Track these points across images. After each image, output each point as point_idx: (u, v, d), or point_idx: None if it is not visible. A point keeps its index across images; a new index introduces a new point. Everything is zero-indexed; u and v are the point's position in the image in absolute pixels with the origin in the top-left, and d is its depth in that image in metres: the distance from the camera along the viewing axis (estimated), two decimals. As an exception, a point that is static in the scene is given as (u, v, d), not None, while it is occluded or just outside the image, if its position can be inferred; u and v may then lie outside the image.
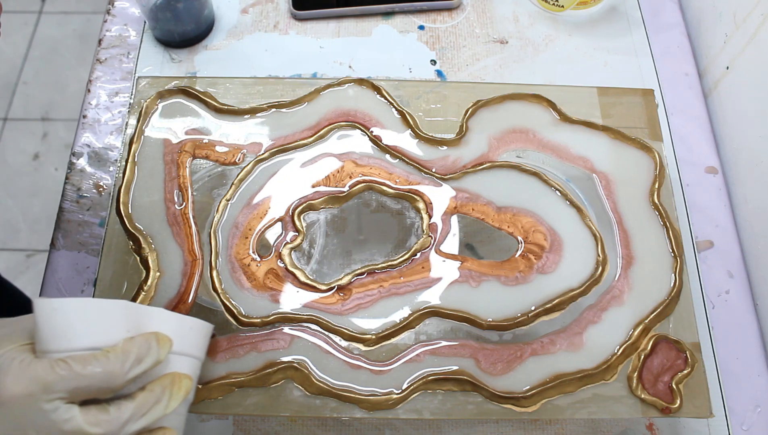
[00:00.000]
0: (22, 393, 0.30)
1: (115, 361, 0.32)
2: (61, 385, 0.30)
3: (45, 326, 0.32)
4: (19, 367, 0.31)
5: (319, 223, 0.50)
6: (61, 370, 0.31)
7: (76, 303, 0.33)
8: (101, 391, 0.32)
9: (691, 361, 0.45)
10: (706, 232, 0.57)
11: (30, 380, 0.30)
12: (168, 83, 0.53)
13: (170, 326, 0.36)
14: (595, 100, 0.55)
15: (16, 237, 1.32)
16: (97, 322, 0.33)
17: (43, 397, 0.30)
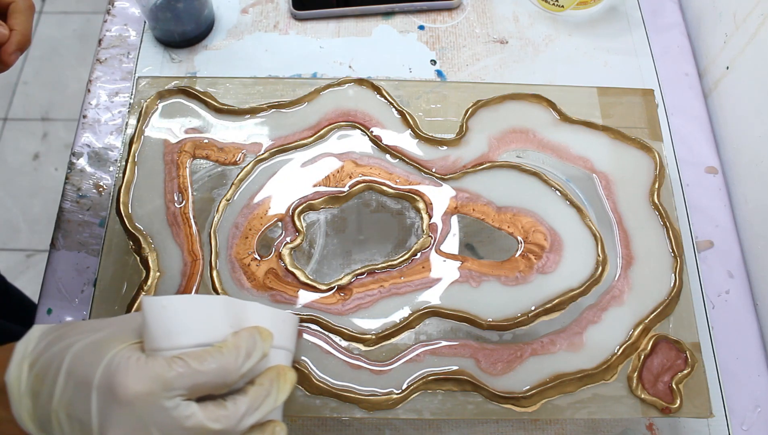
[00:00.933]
0: (143, 391, 0.30)
1: (229, 356, 0.32)
2: (181, 382, 0.31)
3: (155, 324, 0.32)
4: (137, 366, 0.31)
5: (319, 223, 0.50)
6: (179, 368, 0.31)
7: (183, 300, 0.33)
8: (217, 386, 0.32)
9: (691, 361, 0.45)
10: (706, 232, 0.57)
11: (151, 378, 0.30)
12: (168, 83, 0.53)
13: (267, 320, 0.36)
14: (595, 100, 0.55)
15: (16, 237, 1.32)
16: (203, 319, 0.33)
17: (164, 394, 0.30)
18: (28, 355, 0.33)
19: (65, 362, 0.32)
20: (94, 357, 0.32)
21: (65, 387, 0.31)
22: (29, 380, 0.32)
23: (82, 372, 0.31)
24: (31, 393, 0.32)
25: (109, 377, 0.30)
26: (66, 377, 0.31)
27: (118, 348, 0.32)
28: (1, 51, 0.41)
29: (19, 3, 0.42)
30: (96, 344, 0.32)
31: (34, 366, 0.33)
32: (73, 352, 0.32)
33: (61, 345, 0.33)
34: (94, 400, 0.30)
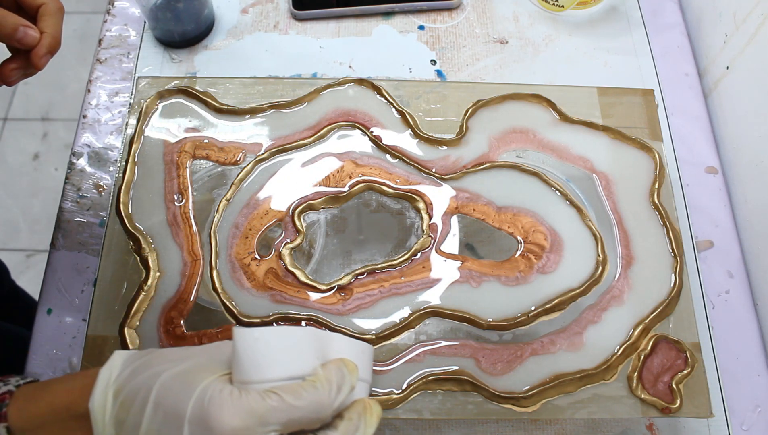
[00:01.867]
0: (240, 426, 0.29)
1: (323, 391, 0.32)
2: (276, 417, 0.30)
3: (246, 356, 0.31)
4: (232, 400, 0.30)
5: (319, 223, 0.50)
6: (273, 402, 0.30)
7: (274, 332, 0.33)
8: (312, 422, 0.31)
9: (691, 361, 0.45)
10: (706, 232, 0.57)
11: (246, 413, 0.30)
12: (168, 83, 0.53)
13: (349, 351, 0.35)
14: (595, 100, 0.55)
15: (16, 237, 1.32)
16: (292, 351, 0.33)
17: (259, 430, 0.30)
18: (112, 382, 0.33)
19: (153, 392, 0.31)
20: (184, 388, 0.31)
21: (153, 417, 0.31)
22: (114, 409, 0.32)
23: (173, 403, 0.31)
24: (115, 422, 0.32)
25: (203, 411, 0.30)
26: (154, 408, 0.31)
27: (208, 380, 0.31)
28: (32, 54, 0.41)
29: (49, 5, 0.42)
30: (185, 375, 0.32)
31: (119, 394, 0.32)
32: (161, 382, 0.32)
33: (148, 374, 0.32)
34: (186, 433, 0.30)
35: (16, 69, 0.42)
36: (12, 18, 0.40)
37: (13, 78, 0.42)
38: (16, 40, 0.40)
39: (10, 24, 0.40)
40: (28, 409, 0.33)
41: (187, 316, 0.46)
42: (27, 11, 0.42)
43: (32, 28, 0.41)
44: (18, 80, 0.43)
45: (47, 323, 0.52)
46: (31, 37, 0.41)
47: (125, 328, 0.45)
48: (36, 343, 0.51)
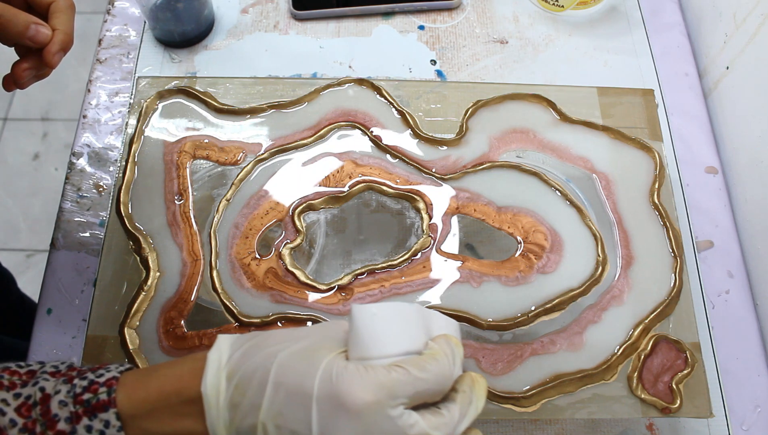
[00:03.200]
0: (372, 401, 0.29)
1: (444, 363, 0.32)
2: (404, 390, 0.30)
3: (365, 332, 0.32)
4: (360, 375, 0.30)
5: (319, 223, 0.50)
6: (400, 375, 0.30)
7: (390, 308, 0.33)
8: (434, 394, 0.31)
9: (691, 361, 0.45)
10: (706, 232, 0.57)
11: (377, 387, 0.30)
12: (168, 83, 0.53)
13: (448, 327, 0.35)
14: (595, 100, 0.55)
15: (16, 237, 1.31)
16: (406, 327, 0.33)
17: (389, 403, 0.30)
18: (224, 365, 0.32)
19: (272, 372, 0.31)
20: (306, 366, 0.31)
21: (274, 397, 0.31)
22: (228, 392, 0.32)
23: (296, 382, 0.31)
24: (229, 405, 0.32)
25: (333, 387, 0.30)
26: (275, 387, 0.31)
27: (329, 357, 0.31)
28: (45, 52, 0.40)
29: (60, 2, 0.41)
30: (303, 353, 0.32)
31: (233, 377, 0.32)
32: (279, 362, 0.31)
33: (263, 355, 0.32)
34: (314, 411, 0.30)
35: (29, 69, 0.41)
36: (23, 16, 0.39)
37: (25, 79, 0.42)
38: (28, 37, 0.39)
39: (21, 22, 0.39)
40: (138, 394, 0.33)
41: (187, 316, 0.46)
42: (37, 9, 0.41)
43: (44, 26, 0.40)
44: (30, 82, 0.42)
45: (47, 323, 0.52)
46: (43, 35, 0.40)
47: (125, 328, 0.45)
48: (36, 343, 0.51)
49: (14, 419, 0.31)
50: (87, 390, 0.32)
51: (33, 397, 0.32)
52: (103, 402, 0.32)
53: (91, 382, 0.33)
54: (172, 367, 0.34)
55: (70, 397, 0.32)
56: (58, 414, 0.32)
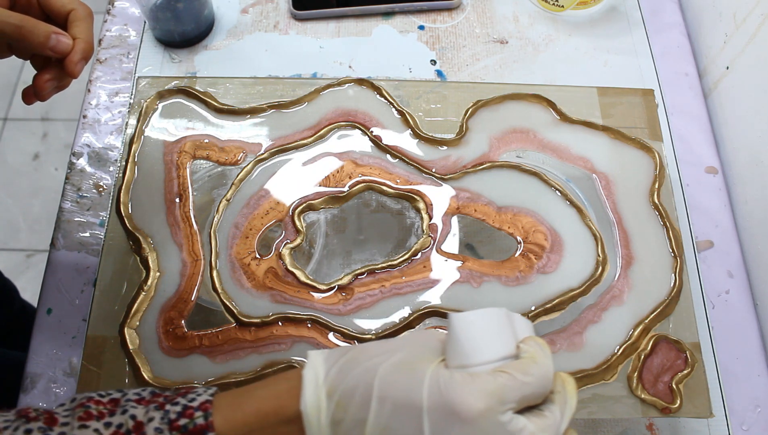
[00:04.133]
0: (484, 408, 0.29)
1: (544, 365, 0.32)
2: (512, 395, 0.30)
3: (465, 340, 0.32)
4: (468, 383, 0.30)
5: (319, 223, 0.50)
6: (507, 381, 0.30)
7: (484, 314, 0.33)
8: (537, 396, 0.32)
9: (691, 361, 0.45)
10: (706, 232, 0.57)
11: (487, 395, 0.30)
12: (168, 83, 0.53)
13: (527, 329, 0.35)
14: (595, 100, 0.55)
15: (16, 237, 1.31)
16: (500, 331, 0.33)
17: (499, 409, 0.30)
18: (321, 383, 0.32)
19: (375, 387, 0.31)
20: (410, 378, 0.31)
21: (380, 411, 0.31)
22: (329, 409, 0.32)
23: (402, 395, 0.31)
24: (331, 422, 0.32)
25: (443, 397, 0.30)
26: (380, 402, 0.31)
27: (431, 367, 0.31)
28: (67, 61, 0.40)
29: (78, 11, 0.41)
30: (404, 365, 0.32)
31: (333, 394, 0.32)
32: (381, 376, 0.31)
33: (361, 369, 0.32)
34: (426, 423, 0.30)
35: (51, 80, 0.41)
36: (43, 26, 0.39)
37: (47, 90, 0.41)
38: (50, 48, 0.39)
39: (42, 32, 0.39)
40: (235, 417, 0.32)
41: (188, 316, 0.46)
42: (55, 19, 0.41)
43: (64, 35, 0.40)
44: (51, 94, 0.42)
45: (47, 323, 0.52)
46: (65, 44, 0.40)
47: (125, 328, 0.45)
48: (36, 343, 0.51)
49: None
50: (182, 415, 0.32)
51: (125, 425, 0.32)
52: (200, 427, 0.32)
53: (184, 407, 0.32)
54: (266, 387, 0.34)
55: (165, 424, 0.32)
56: None
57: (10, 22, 0.38)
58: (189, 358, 0.45)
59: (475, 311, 0.32)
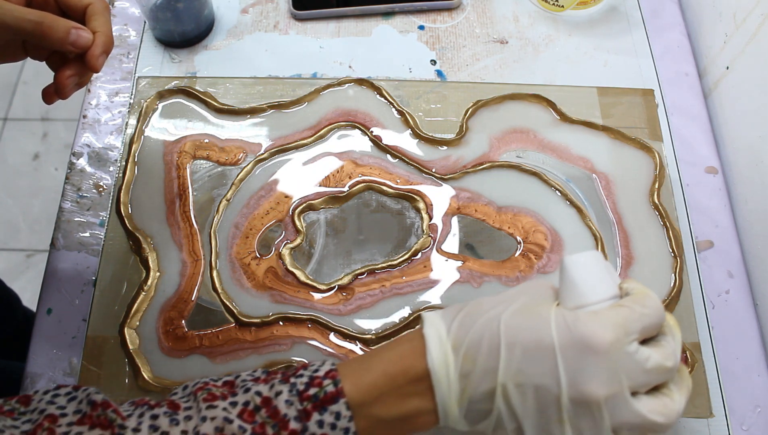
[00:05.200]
0: (613, 339, 0.30)
1: (656, 299, 0.33)
2: (635, 326, 0.31)
3: (579, 281, 0.33)
4: (594, 318, 0.31)
5: (319, 223, 0.50)
6: (629, 313, 0.31)
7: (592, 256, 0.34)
8: (655, 327, 0.32)
9: (691, 361, 0.45)
10: (706, 232, 0.57)
11: (613, 326, 0.31)
12: (168, 83, 0.53)
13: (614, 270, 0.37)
14: (595, 100, 0.55)
15: (16, 237, 1.31)
16: (606, 272, 0.34)
17: (626, 340, 0.31)
18: (445, 338, 0.33)
19: (501, 335, 0.32)
20: (536, 321, 0.32)
21: (510, 358, 0.31)
22: (457, 363, 0.32)
23: (530, 338, 0.31)
24: (460, 376, 0.32)
25: (574, 334, 0.31)
26: (508, 348, 0.32)
27: (552, 310, 0.32)
28: (88, 56, 0.40)
29: (96, 4, 0.41)
30: (525, 311, 0.33)
31: (458, 348, 0.32)
32: (505, 323, 0.32)
33: (482, 321, 0.33)
34: (559, 360, 0.31)
35: (73, 76, 0.41)
36: (63, 22, 0.39)
37: (69, 86, 0.41)
38: (70, 43, 0.39)
39: (62, 28, 0.39)
40: (363, 381, 0.33)
41: (188, 316, 0.46)
42: (72, 14, 0.41)
43: (84, 30, 0.40)
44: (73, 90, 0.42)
45: (47, 323, 0.52)
46: (85, 39, 0.39)
47: (125, 328, 0.45)
48: (36, 343, 0.51)
49: (243, 426, 0.31)
50: (310, 385, 0.32)
51: (252, 402, 0.32)
52: (331, 394, 0.32)
53: (311, 378, 0.33)
54: (389, 350, 0.34)
55: (294, 396, 0.32)
56: (287, 413, 0.32)
57: (29, 19, 0.38)
58: (189, 359, 0.45)
59: (583, 253, 0.34)
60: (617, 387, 0.31)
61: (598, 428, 0.31)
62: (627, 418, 0.31)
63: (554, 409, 0.31)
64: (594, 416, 0.31)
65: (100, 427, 0.31)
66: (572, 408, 0.31)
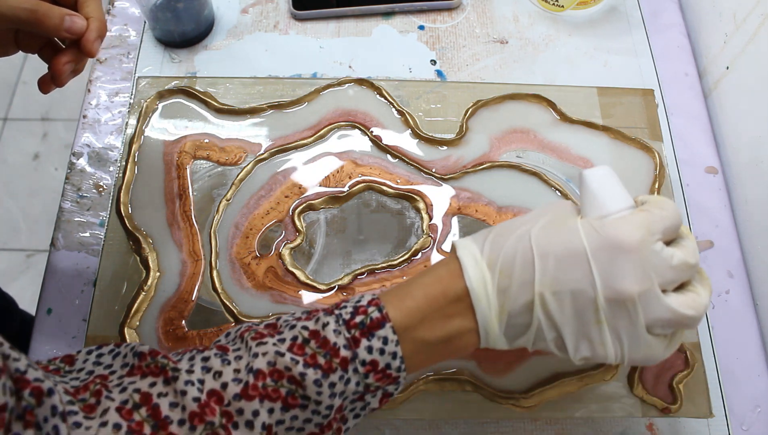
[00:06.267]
0: (640, 238, 0.32)
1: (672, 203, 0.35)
2: (658, 227, 0.33)
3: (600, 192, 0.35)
4: (620, 222, 0.33)
5: (319, 223, 0.50)
6: (650, 216, 0.33)
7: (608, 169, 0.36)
8: (675, 229, 0.34)
9: (691, 361, 0.45)
10: (706, 232, 0.57)
11: (639, 226, 0.33)
12: (168, 83, 0.53)
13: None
14: (595, 100, 0.55)
15: (16, 237, 1.31)
16: (620, 183, 0.36)
17: (650, 239, 0.32)
18: (480, 258, 0.34)
19: (533, 248, 0.33)
20: (565, 232, 0.33)
21: (545, 268, 0.33)
22: (494, 279, 0.34)
23: (561, 247, 0.33)
24: (498, 292, 0.34)
25: (602, 237, 0.32)
26: (542, 259, 0.33)
27: (578, 221, 0.34)
28: (84, 41, 0.40)
29: None
30: (553, 225, 0.34)
31: (494, 265, 0.34)
32: (535, 237, 0.34)
33: (513, 238, 0.34)
34: (593, 263, 0.32)
35: (69, 62, 0.41)
36: (57, 9, 0.39)
37: (65, 73, 0.42)
38: (65, 29, 0.40)
39: (56, 15, 0.39)
40: (406, 306, 0.34)
41: (188, 316, 0.46)
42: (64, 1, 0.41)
43: (78, 16, 0.40)
44: (69, 78, 0.43)
45: (47, 323, 0.52)
46: (80, 25, 0.40)
47: (125, 328, 0.45)
48: (36, 343, 0.51)
49: (294, 358, 0.32)
50: (356, 314, 0.33)
51: (299, 336, 0.33)
52: (377, 319, 0.33)
53: (355, 308, 0.34)
54: (427, 275, 0.35)
55: (341, 325, 0.33)
56: (336, 342, 0.33)
57: (23, 7, 0.38)
58: (189, 358, 0.45)
59: (599, 167, 0.36)
60: (648, 283, 0.32)
61: (634, 326, 0.33)
62: (660, 314, 0.33)
63: (591, 312, 0.33)
64: (629, 314, 0.32)
65: (152, 375, 0.32)
66: (608, 308, 0.32)
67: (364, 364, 0.33)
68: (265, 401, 0.31)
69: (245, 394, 0.31)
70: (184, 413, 0.30)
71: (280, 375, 0.32)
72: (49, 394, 0.28)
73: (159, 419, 0.30)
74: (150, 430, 0.30)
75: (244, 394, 0.31)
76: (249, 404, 0.31)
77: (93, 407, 0.30)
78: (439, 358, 0.35)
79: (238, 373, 0.32)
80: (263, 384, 0.32)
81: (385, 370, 0.33)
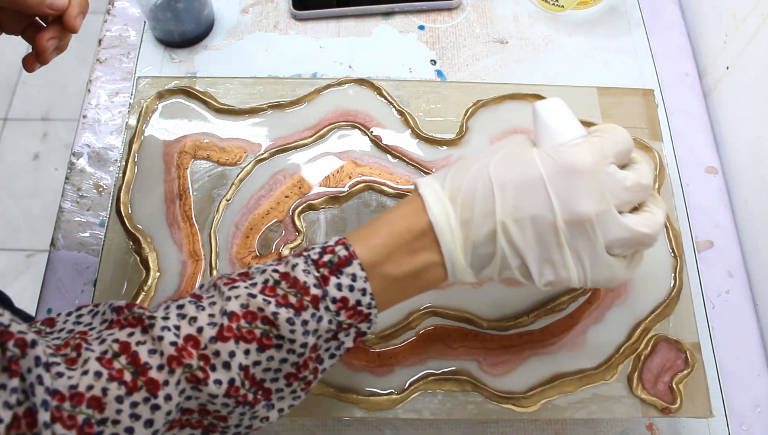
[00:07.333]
0: (593, 161, 0.33)
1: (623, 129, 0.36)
2: (610, 150, 0.34)
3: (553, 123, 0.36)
4: (574, 147, 0.34)
5: (319, 223, 0.50)
6: (602, 141, 0.35)
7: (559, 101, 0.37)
8: (627, 153, 0.36)
9: (691, 361, 0.45)
10: (706, 232, 0.57)
11: (593, 150, 0.34)
12: (168, 83, 0.53)
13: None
14: (595, 100, 0.55)
15: (16, 237, 1.32)
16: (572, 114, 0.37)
17: (604, 162, 0.34)
18: (441, 193, 0.35)
19: (492, 179, 0.34)
20: (522, 162, 0.34)
21: (504, 197, 0.34)
22: (456, 212, 0.35)
23: (519, 176, 0.34)
24: (461, 224, 0.34)
25: (557, 163, 0.33)
26: (501, 189, 0.34)
27: (534, 151, 0.35)
28: (66, 17, 0.41)
29: None
30: (510, 156, 0.35)
31: (455, 198, 0.35)
32: (494, 169, 0.34)
33: (474, 170, 0.35)
34: (549, 188, 0.33)
35: (52, 38, 0.42)
36: None
37: (49, 50, 0.42)
38: (47, 5, 0.40)
39: None
40: (373, 243, 0.35)
41: (187, 316, 0.46)
42: None
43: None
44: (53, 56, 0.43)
45: (47, 323, 0.52)
46: (61, 1, 0.41)
47: (125, 328, 0.45)
48: (36, 343, 0.51)
49: (266, 298, 0.33)
50: (323, 253, 0.34)
51: (270, 279, 0.34)
52: (345, 257, 0.34)
53: (323, 248, 0.35)
54: (391, 213, 0.36)
55: (310, 265, 0.34)
56: (306, 281, 0.33)
57: None
58: (189, 358, 0.45)
59: (550, 99, 0.37)
60: (604, 204, 0.33)
61: (594, 246, 0.34)
62: (618, 233, 0.34)
63: (552, 236, 0.34)
64: (589, 235, 0.33)
65: (129, 326, 0.33)
66: (568, 230, 0.33)
67: (334, 301, 0.33)
68: (240, 343, 0.32)
69: (220, 336, 0.32)
70: (162, 358, 0.31)
71: (253, 316, 0.32)
72: (33, 345, 0.29)
73: (138, 365, 0.31)
74: (130, 376, 0.31)
75: (219, 336, 0.32)
76: (225, 346, 0.32)
77: (74, 360, 0.31)
78: (408, 294, 0.36)
79: (212, 317, 0.33)
80: (237, 326, 0.32)
81: (356, 307, 0.34)
